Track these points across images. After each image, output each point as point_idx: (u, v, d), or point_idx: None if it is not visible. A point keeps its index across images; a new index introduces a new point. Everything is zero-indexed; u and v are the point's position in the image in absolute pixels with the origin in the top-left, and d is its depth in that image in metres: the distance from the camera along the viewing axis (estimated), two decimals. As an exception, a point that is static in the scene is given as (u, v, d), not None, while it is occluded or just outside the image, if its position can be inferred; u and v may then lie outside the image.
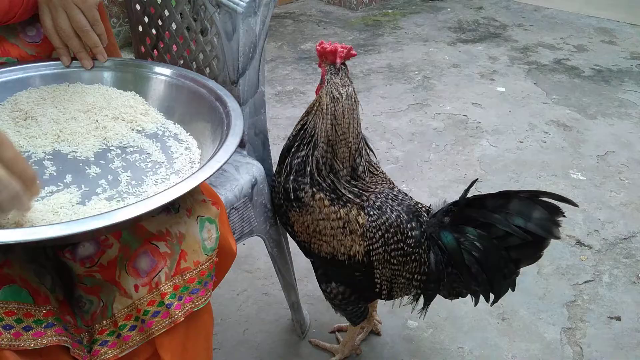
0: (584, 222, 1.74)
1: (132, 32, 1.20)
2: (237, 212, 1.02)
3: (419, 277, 1.04)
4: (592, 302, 1.46)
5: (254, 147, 1.12)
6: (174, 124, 0.87)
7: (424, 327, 1.38)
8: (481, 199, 0.99)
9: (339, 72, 0.97)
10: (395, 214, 1.01)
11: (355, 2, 3.63)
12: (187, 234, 0.73)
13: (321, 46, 0.99)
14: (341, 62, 0.98)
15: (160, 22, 1.10)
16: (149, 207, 0.61)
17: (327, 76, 0.97)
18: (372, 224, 0.98)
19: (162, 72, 0.93)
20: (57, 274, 0.71)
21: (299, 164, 0.98)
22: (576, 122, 2.32)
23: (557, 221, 0.93)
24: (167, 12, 1.08)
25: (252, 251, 1.59)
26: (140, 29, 1.16)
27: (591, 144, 2.17)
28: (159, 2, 1.08)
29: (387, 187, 1.04)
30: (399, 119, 2.33)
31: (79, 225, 0.58)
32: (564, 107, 2.43)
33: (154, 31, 1.12)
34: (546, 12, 3.59)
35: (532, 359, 1.31)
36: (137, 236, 0.71)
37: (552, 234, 0.93)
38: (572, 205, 0.94)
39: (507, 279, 1.02)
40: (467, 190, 1.01)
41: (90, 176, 0.74)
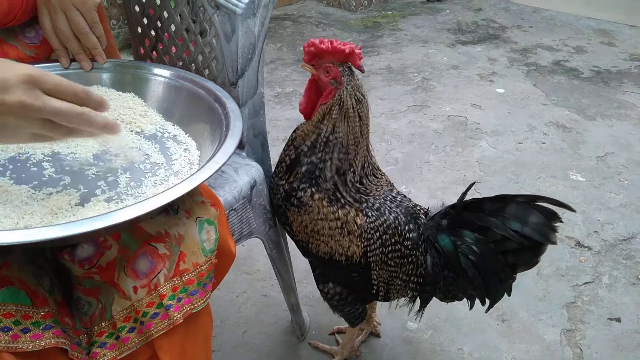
0: (583, 223, 1.74)
1: (131, 34, 1.20)
2: (236, 213, 1.02)
3: (415, 279, 1.04)
4: (592, 303, 1.46)
5: (253, 149, 1.11)
6: (173, 126, 0.87)
7: (424, 329, 1.38)
8: (478, 202, 0.99)
9: (352, 73, 0.95)
10: (393, 215, 1.01)
11: (354, 4, 3.63)
12: (186, 235, 0.73)
13: (327, 45, 0.92)
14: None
15: (159, 24, 1.10)
16: (147, 208, 0.61)
17: (343, 78, 0.93)
18: (370, 225, 0.98)
19: (161, 73, 0.93)
20: (55, 275, 0.71)
21: (312, 169, 0.97)
22: (575, 123, 2.32)
23: (554, 226, 0.93)
24: (166, 14, 1.08)
25: (252, 253, 1.59)
26: (139, 30, 1.16)
27: (590, 145, 2.17)
28: (158, 4, 1.08)
29: (386, 189, 1.04)
30: (398, 121, 2.33)
31: (78, 226, 0.58)
32: (563, 109, 2.44)
33: (153, 33, 1.12)
34: (545, 13, 3.59)
35: (532, 361, 1.31)
36: (136, 238, 0.71)
37: (549, 239, 0.93)
38: (569, 210, 0.93)
39: (503, 283, 1.01)
40: (465, 193, 1.01)
41: (89, 177, 0.74)
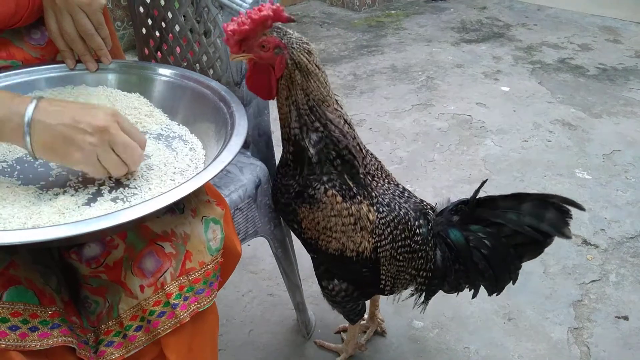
0: (590, 221, 1.73)
1: (135, 35, 1.20)
2: (242, 212, 1.02)
3: (424, 274, 1.06)
4: (599, 301, 1.45)
5: (258, 148, 1.12)
6: (178, 125, 0.87)
7: (430, 327, 1.38)
8: (492, 199, 1.02)
9: (285, 30, 0.85)
10: (403, 211, 1.02)
11: (358, 4, 3.63)
12: (192, 234, 0.73)
13: (247, 22, 0.81)
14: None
15: (163, 25, 1.11)
16: (153, 207, 0.61)
17: (284, 40, 0.85)
18: (382, 221, 0.99)
19: (165, 73, 0.93)
20: (62, 274, 0.71)
21: (323, 146, 0.92)
22: (581, 121, 2.31)
23: (567, 222, 0.97)
24: (170, 15, 1.08)
25: (257, 252, 1.59)
26: (143, 31, 1.16)
27: (596, 143, 2.16)
28: (162, 5, 1.09)
29: (393, 184, 1.05)
30: (403, 120, 2.33)
31: (85, 225, 0.58)
32: (568, 106, 2.43)
33: (157, 33, 1.13)
34: (550, 11, 3.58)
35: (539, 359, 1.30)
36: (143, 237, 0.71)
37: (565, 234, 0.98)
38: (579, 209, 0.97)
39: (511, 274, 1.05)
40: (478, 190, 1.03)
41: (95, 178, 0.74)
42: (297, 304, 1.31)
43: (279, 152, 1.07)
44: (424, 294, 1.12)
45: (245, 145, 1.06)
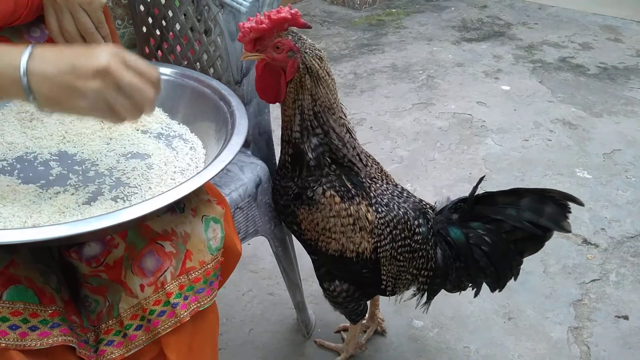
0: (590, 220, 1.73)
1: (136, 34, 1.20)
2: (242, 211, 1.02)
3: (426, 273, 1.06)
4: (599, 301, 1.45)
5: (258, 147, 1.12)
6: (179, 124, 0.87)
7: (430, 327, 1.38)
8: (491, 196, 1.02)
9: (300, 35, 0.87)
10: (402, 210, 1.02)
11: (358, 2, 3.63)
12: (192, 233, 0.73)
13: (266, 22, 0.83)
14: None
15: (164, 23, 1.10)
16: (154, 206, 0.61)
17: (298, 44, 0.87)
18: (381, 221, 0.99)
19: (166, 72, 0.93)
20: (62, 274, 0.71)
21: (321, 150, 0.94)
22: (582, 120, 2.31)
23: (566, 215, 0.98)
24: (170, 13, 1.08)
25: (257, 251, 1.59)
26: (144, 30, 1.16)
27: (597, 142, 2.15)
28: (163, 3, 1.08)
29: (391, 185, 1.05)
30: (403, 119, 2.33)
31: (85, 225, 0.58)
32: (569, 105, 2.42)
33: (157, 32, 1.13)
34: (550, 10, 3.57)
35: (539, 359, 1.30)
36: (143, 236, 0.71)
37: (564, 228, 0.98)
38: (578, 204, 0.96)
39: (512, 269, 1.06)
40: (476, 187, 1.03)
41: (95, 176, 0.74)
42: (297, 303, 1.31)
43: (280, 152, 1.07)
44: (426, 294, 1.11)
45: (245, 144, 1.06)
